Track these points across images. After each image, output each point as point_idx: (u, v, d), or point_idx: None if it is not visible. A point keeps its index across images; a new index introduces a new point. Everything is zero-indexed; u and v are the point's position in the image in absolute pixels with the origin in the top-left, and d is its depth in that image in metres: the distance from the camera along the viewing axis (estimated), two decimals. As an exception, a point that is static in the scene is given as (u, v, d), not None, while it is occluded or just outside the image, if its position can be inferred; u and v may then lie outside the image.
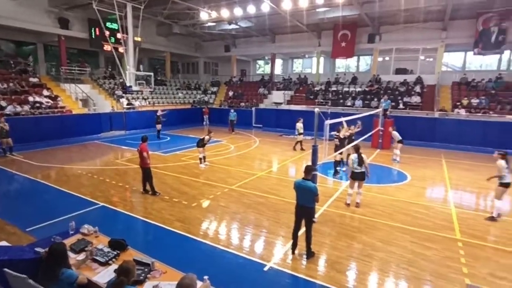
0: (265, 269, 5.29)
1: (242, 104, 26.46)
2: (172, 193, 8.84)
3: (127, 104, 21.48)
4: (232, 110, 22.10)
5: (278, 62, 32.51)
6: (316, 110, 6.93)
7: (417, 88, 21.37)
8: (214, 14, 21.47)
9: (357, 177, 7.88)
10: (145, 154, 8.43)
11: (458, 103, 19.12)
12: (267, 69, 33.27)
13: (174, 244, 6.15)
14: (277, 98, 25.68)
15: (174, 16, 24.49)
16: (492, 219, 7.40)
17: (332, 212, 7.73)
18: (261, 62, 35.51)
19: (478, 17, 19.47)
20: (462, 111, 18.48)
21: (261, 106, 25.78)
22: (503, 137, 15.76)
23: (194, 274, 2.86)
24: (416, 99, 20.54)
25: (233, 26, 25.32)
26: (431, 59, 23.54)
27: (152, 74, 23.13)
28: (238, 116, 21.97)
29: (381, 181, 10.51)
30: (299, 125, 15.25)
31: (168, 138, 18.19)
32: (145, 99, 23.72)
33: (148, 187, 8.75)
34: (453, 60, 25.23)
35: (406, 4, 18.15)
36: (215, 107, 27.31)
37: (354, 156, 7.93)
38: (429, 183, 10.49)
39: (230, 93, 28.51)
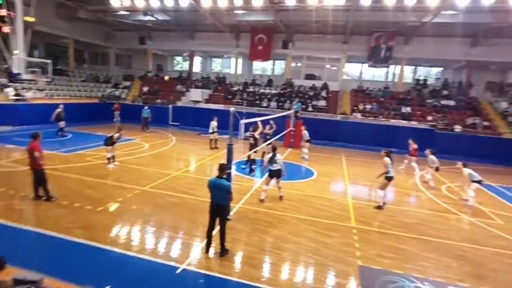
0: (178, 271, 5.14)
1: (158, 100, 25.17)
2: (73, 198, 7.84)
3: (15, 95, 18.15)
4: (145, 107, 20.81)
5: (197, 59, 31.97)
6: (232, 109, 7.04)
7: (323, 93, 23.72)
8: (127, 2, 19.86)
9: (274, 174, 8.52)
10: (36, 153, 7.26)
11: (356, 108, 21.95)
12: (186, 66, 32.40)
13: (75, 255, 5.46)
14: (196, 96, 25.25)
15: (79, -1, 21.80)
16: (379, 208, 8.71)
17: (247, 209, 7.98)
18: (179, 58, 34.36)
19: (372, 35, 22.68)
20: (359, 115, 21.28)
21: (179, 103, 24.96)
22: (389, 138, 18.74)
23: (92, 286, 2.58)
24: (322, 103, 22.78)
25: (149, 18, 23.87)
26: (335, 68, 26.40)
27: (50, 62, 20.16)
28: (154, 113, 20.83)
29: (292, 178, 11.30)
30: (214, 124, 15.36)
31: (70, 136, 16.07)
32: (40, 90, 20.43)
33: (41, 192, 7.55)
34: (352, 70, 28.85)
35: (316, 16, 19.96)
36: (128, 103, 25.29)
37: (269, 155, 8.54)
38: (332, 178, 11.77)
39: (145, 89, 26.79)
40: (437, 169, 11.42)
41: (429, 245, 6.73)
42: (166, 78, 28.92)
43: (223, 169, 5.63)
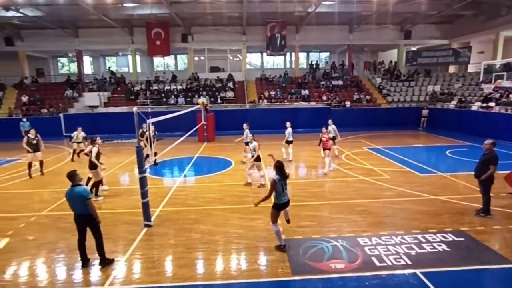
0: (99, 293, 4.65)
1: (44, 110, 21.65)
2: None
3: None
4: (24, 119, 17.69)
5: (87, 59, 28.55)
6: (134, 109, 6.56)
7: (230, 84, 24.14)
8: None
9: (258, 159, 9.24)
10: None
11: (262, 95, 23.05)
12: (74, 67, 28.60)
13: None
14: (91, 100, 22.57)
15: None
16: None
17: (168, 211, 7.67)
18: (64, 60, 30.10)
19: (266, 25, 23.91)
20: (265, 102, 22.43)
21: (72, 111, 22.00)
22: (294, 120, 20.18)
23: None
24: (230, 94, 23.18)
25: (13, 13, 19.98)
26: (238, 59, 27.08)
27: None
28: (42, 125, 17.81)
29: (211, 171, 11.31)
30: (78, 134, 13.46)
31: None
32: None
33: None
34: (254, 59, 30.06)
35: (210, 8, 19.96)
36: (3, 118, 21.06)
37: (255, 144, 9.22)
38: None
39: (24, 99, 22.64)
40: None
41: (337, 207, 7.66)
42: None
43: (72, 176, 5.19)
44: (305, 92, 23.38)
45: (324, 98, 22.83)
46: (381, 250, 5.56)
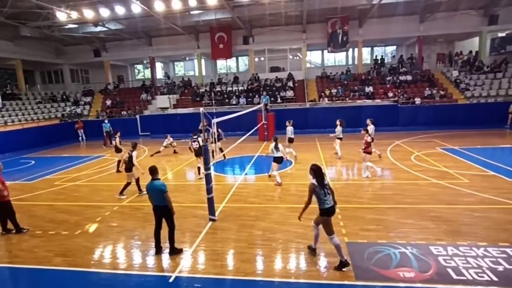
0: (171, 280, 5.06)
1: (124, 112, 24.32)
2: (46, 226, 7.44)
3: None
4: (105, 121, 20.00)
5: (159, 65, 31.21)
6: (201, 110, 7.00)
7: (290, 83, 24.07)
8: (74, 15, 18.90)
9: (278, 160, 9.38)
10: (-1, 185, 6.81)
11: (323, 94, 22.49)
12: (147, 73, 31.54)
13: (57, 284, 5.21)
14: (162, 103, 24.65)
15: (21, 16, 20.43)
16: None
17: (231, 207, 7.99)
18: (139, 67, 33.38)
19: (327, 21, 23.26)
20: (326, 100, 21.84)
21: (146, 112, 24.30)
22: (357, 118, 19.35)
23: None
24: (290, 93, 23.11)
25: (101, 29, 22.86)
26: (297, 58, 26.86)
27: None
28: (122, 126, 20.01)
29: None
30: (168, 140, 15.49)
31: (33, 162, 15.16)
32: (-9, 119, 19.07)
33: (10, 225, 7.10)
34: (314, 57, 29.48)
35: (270, 9, 20.19)
36: (92, 119, 24.24)
37: (272, 144, 9.38)
38: (310, 164, 11.97)
39: (108, 102, 25.78)
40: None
41: (406, 212, 7.11)
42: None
43: (153, 170, 5.82)
44: (369, 89, 22.15)
45: (390, 94, 21.34)
46: (458, 262, 5.01)
